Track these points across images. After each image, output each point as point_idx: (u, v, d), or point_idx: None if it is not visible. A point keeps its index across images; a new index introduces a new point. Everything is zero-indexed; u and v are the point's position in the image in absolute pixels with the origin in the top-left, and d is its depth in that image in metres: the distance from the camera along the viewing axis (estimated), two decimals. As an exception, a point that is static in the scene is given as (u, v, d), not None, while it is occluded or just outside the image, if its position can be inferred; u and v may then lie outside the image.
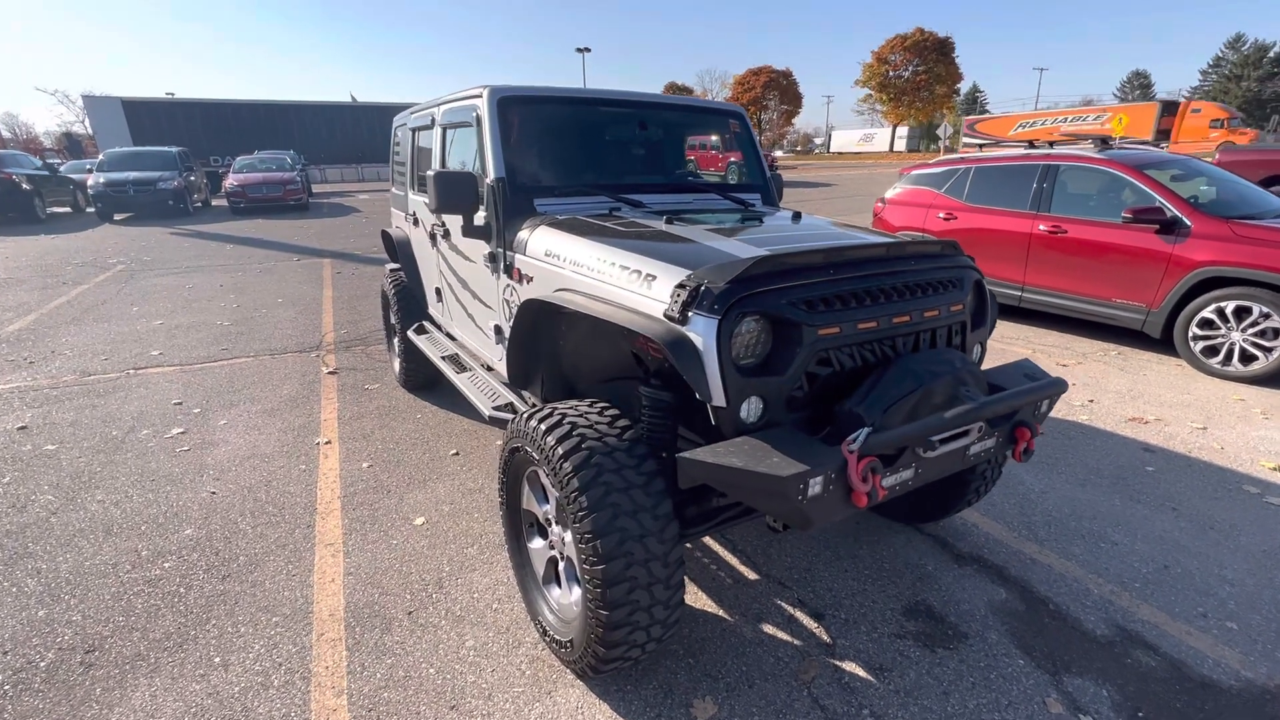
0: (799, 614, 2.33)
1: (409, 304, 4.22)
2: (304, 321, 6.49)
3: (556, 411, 1.91)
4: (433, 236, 3.52)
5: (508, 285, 2.61)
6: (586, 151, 2.93)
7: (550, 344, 2.45)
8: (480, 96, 2.72)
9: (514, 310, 2.59)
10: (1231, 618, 2.31)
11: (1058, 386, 1.90)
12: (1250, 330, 4.51)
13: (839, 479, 1.55)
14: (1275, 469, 3.35)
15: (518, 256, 2.49)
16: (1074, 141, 6.13)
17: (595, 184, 2.78)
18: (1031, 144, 7.07)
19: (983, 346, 2.26)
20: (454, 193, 2.53)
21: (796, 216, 2.65)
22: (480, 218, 2.70)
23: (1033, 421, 1.97)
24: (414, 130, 3.87)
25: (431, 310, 4.02)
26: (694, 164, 4.85)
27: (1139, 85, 74.73)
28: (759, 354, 1.73)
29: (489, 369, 3.26)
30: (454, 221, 3.08)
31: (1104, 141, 6.15)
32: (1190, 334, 4.80)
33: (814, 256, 1.81)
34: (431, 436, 3.83)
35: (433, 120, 3.39)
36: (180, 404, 4.33)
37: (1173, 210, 4.87)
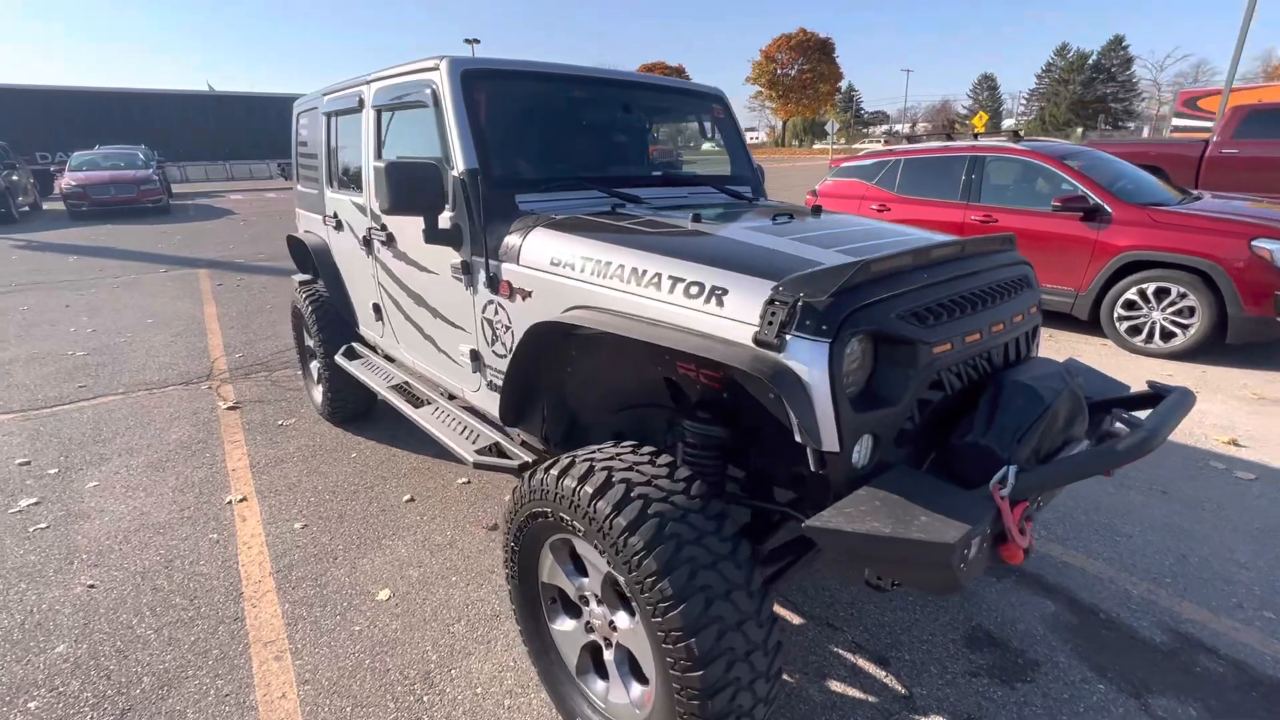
0: (862, 662, 2.06)
1: (331, 323, 3.55)
2: (185, 345, 5.48)
3: (597, 465, 1.49)
4: (367, 243, 2.92)
5: (491, 302, 2.13)
6: (568, 138, 2.49)
7: (556, 372, 2.00)
8: (437, 69, 2.21)
9: (500, 332, 2.12)
10: (1265, 605, 2.30)
11: (1190, 400, 1.73)
12: (1169, 310, 4.84)
13: (992, 532, 1.26)
14: (1229, 443, 3.53)
15: (506, 266, 2.02)
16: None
17: (584, 176, 2.36)
18: (949, 136, 7.38)
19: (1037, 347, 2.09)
20: (412, 189, 2.02)
21: (817, 211, 2.37)
22: (446, 219, 2.20)
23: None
24: (330, 116, 3.22)
25: (364, 330, 3.39)
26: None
27: (988, 87, 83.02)
28: (859, 381, 1.42)
29: (450, 397, 2.74)
30: (403, 224, 2.54)
31: (1015, 135, 6.48)
32: (1115, 315, 5.09)
33: (905, 259, 1.52)
34: (376, 480, 3.22)
35: (361, 102, 2.79)
36: (28, 464, 3.40)
37: (1095, 199, 5.14)
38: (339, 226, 3.26)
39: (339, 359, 3.39)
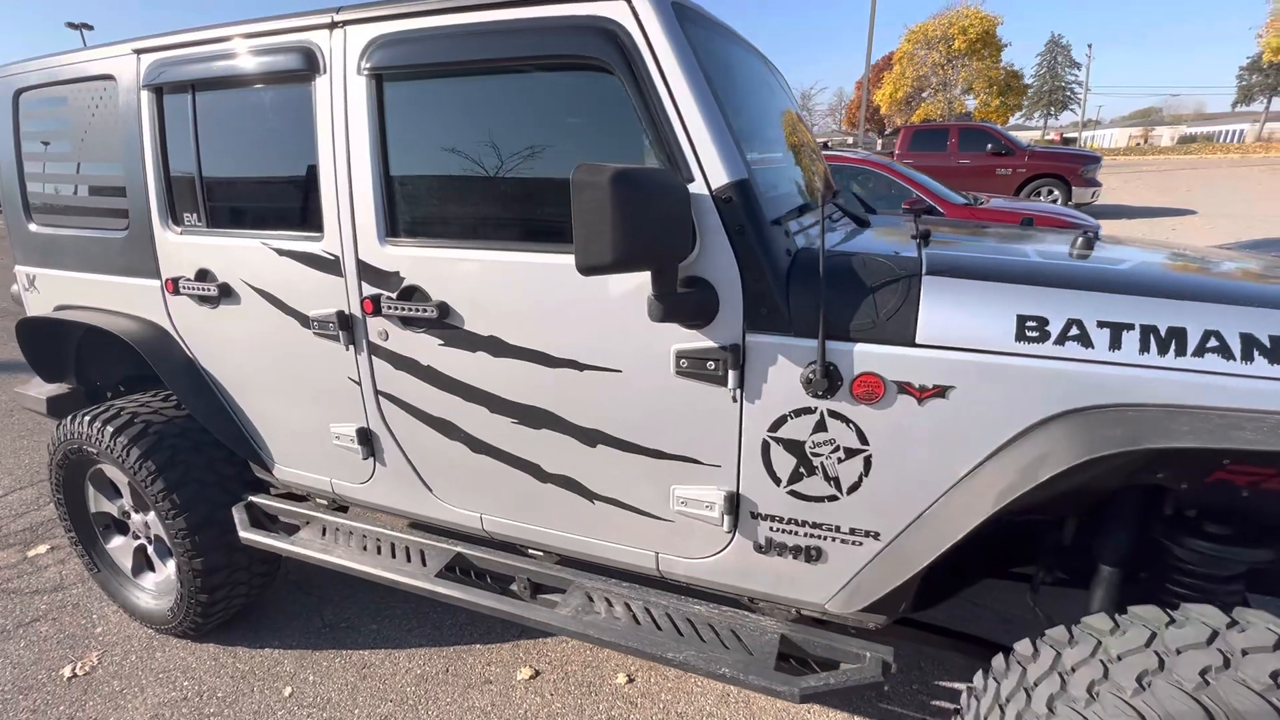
0: None
1: (193, 469, 1.92)
2: None
3: None
4: (346, 325, 1.57)
5: (805, 412, 1.21)
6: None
7: None
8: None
9: (828, 461, 1.23)
10: None
11: None
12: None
13: None
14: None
15: (873, 350, 1.13)
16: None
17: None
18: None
19: None
20: (661, 222, 1.03)
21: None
22: (679, 275, 1.20)
23: None
24: (166, 92, 1.71)
25: (284, 472, 1.91)
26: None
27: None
28: None
29: (563, 562, 1.63)
30: (481, 286, 1.38)
31: (825, 145, 7.15)
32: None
33: None
34: (379, 731, 1.83)
35: (315, 61, 1.47)
36: None
37: (928, 200, 5.86)
38: (221, 298, 1.74)
39: (250, 534, 1.84)
